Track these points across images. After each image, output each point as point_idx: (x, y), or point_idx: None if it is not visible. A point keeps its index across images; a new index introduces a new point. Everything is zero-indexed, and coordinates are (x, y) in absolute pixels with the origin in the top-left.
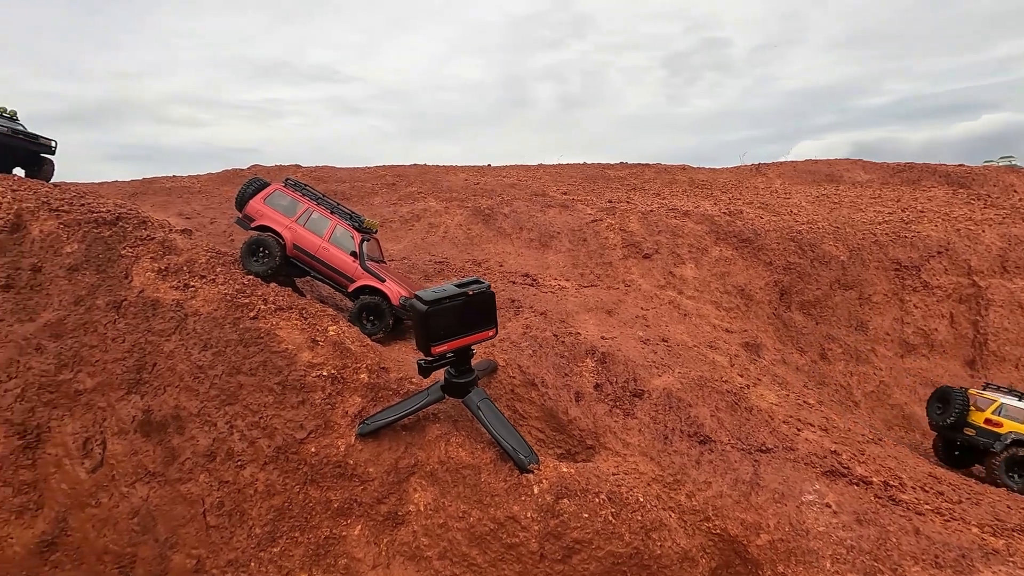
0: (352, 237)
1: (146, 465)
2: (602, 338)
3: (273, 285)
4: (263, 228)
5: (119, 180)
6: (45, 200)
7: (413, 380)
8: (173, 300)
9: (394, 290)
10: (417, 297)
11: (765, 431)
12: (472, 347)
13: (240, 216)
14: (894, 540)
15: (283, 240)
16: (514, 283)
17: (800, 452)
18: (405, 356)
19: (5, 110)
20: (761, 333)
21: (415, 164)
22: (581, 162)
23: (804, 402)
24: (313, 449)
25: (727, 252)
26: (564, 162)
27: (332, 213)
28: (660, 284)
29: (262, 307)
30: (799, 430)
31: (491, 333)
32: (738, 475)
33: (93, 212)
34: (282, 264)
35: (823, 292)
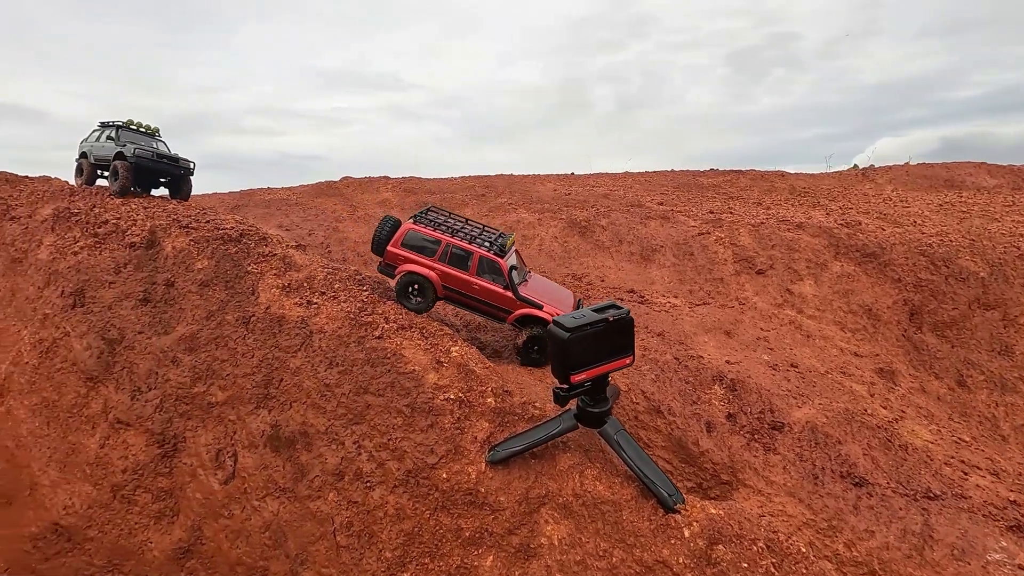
0: (499, 266)
1: (276, 480)
2: (727, 362)
3: (393, 303)
4: (413, 274)
5: (219, 192)
6: (175, 217)
7: (536, 404)
8: (298, 317)
9: (552, 313)
10: (557, 323)
11: (927, 474)
12: (609, 375)
13: (381, 263)
14: None
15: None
16: (621, 300)
17: (974, 501)
18: (523, 378)
19: (149, 127)
20: (893, 357)
21: (501, 174)
22: (669, 169)
23: (959, 439)
24: (444, 475)
25: (849, 268)
26: (654, 169)
27: (471, 243)
28: (777, 302)
29: (385, 326)
30: (965, 474)
31: (628, 360)
32: (905, 525)
33: (219, 229)
34: (436, 300)
35: (960, 312)
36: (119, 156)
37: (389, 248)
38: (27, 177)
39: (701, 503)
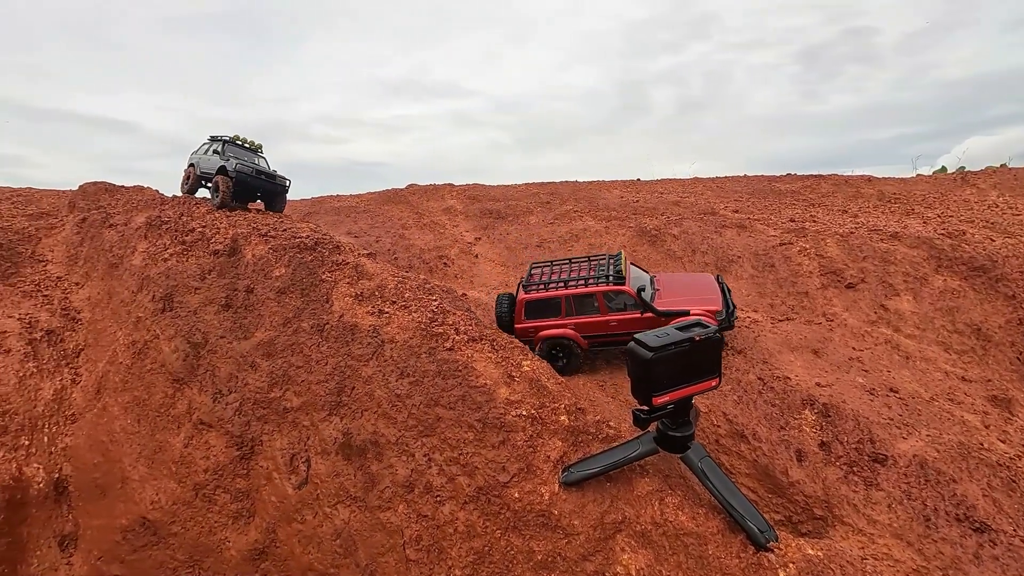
0: (626, 294)
1: (347, 488)
2: (817, 385)
3: (462, 313)
4: (550, 339)
5: (290, 199)
6: (255, 226)
7: (611, 424)
8: (370, 326)
9: (701, 313)
10: (639, 342)
11: None
12: (693, 398)
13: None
14: None
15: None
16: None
17: None
18: (594, 394)
19: (252, 143)
20: (1008, 383)
21: (566, 181)
22: (740, 174)
23: None
24: (516, 494)
25: (954, 282)
26: (723, 175)
27: (588, 285)
28: (870, 319)
29: (455, 337)
30: None
31: (714, 383)
32: None
33: (296, 237)
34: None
35: None
36: (222, 170)
37: (517, 326)
38: (123, 187)
39: (796, 541)
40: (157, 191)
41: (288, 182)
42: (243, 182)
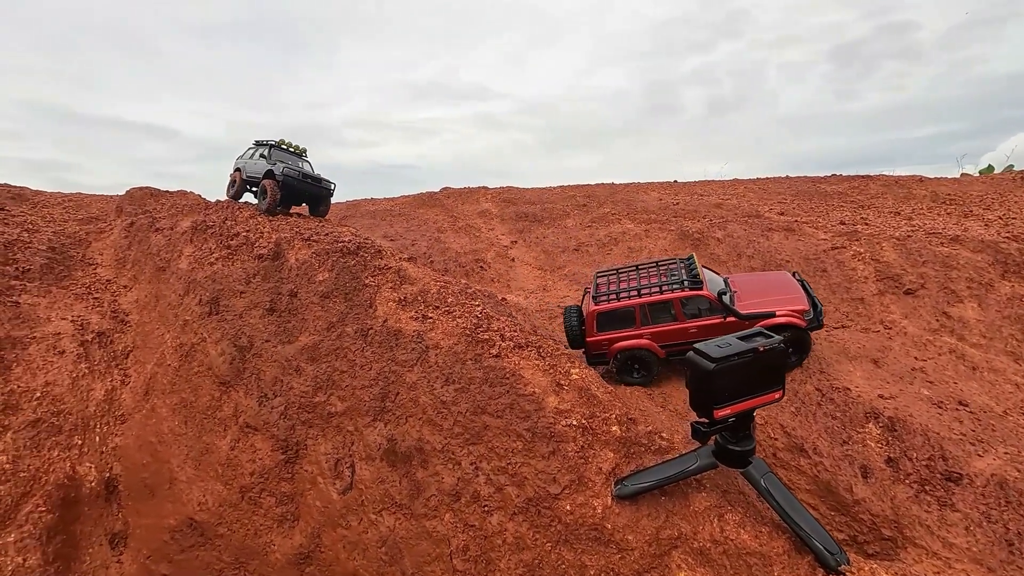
0: (706, 299)
1: (392, 495)
2: (880, 396)
3: (506, 319)
4: (626, 351)
5: None
6: (298, 230)
7: (663, 435)
8: (414, 331)
9: (788, 314)
10: (699, 352)
11: None
12: (755, 411)
13: (589, 355)
14: None
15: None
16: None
17: None
18: (644, 403)
19: (297, 147)
20: None
21: (602, 183)
22: (784, 175)
23: None
24: (568, 507)
25: (1022, 289)
26: (765, 176)
27: (663, 292)
28: (932, 327)
29: (502, 344)
30: None
31: (778, 395)
32: None
33: (338, 241)
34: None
35: None
36: (269, 174)
37: (589, 339)
38: (167, 191)
39: (869, 564)
40: (200, 196)
41: (333, 186)
42: (290, 186)
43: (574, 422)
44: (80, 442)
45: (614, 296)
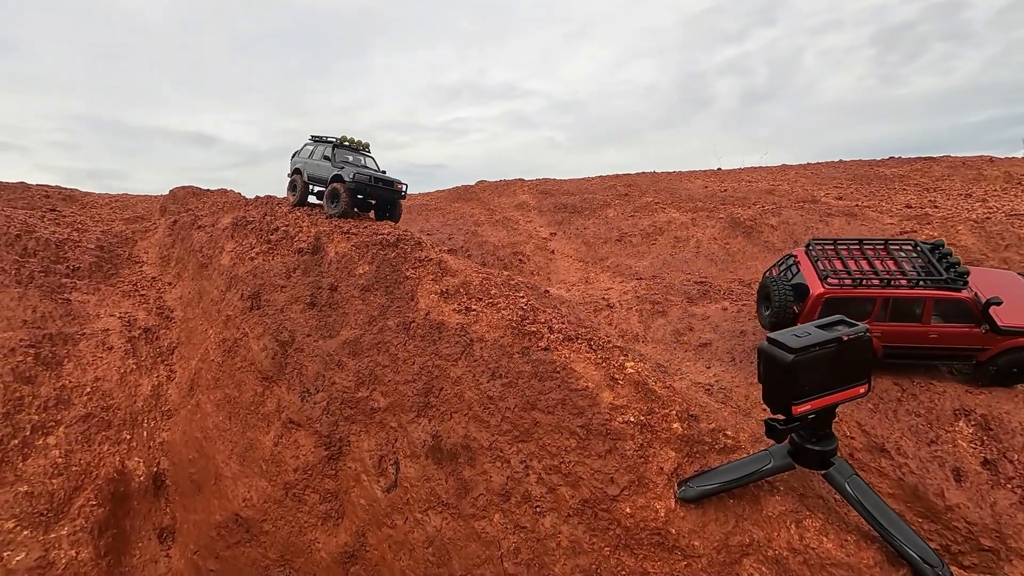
0: (966, 305)
1: (439, 494)
2: (968, 392)
3: (552, 310)
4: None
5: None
6: (337, 224)
7: (727, 433)
8: (457, 324)
9: None
10: (775, 341)
11: None
12: (836, 407)
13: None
14: None
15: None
16: None
17: None
18: (702, 398)
19: (360, 143)
20: None
21: (643, 172)
22: (837, 160)
23: None
24: (628, 509)
25: None
26: (818, 162)
27: (916, 286)
28: None
29: (550, 336)
30: None
31: (863, 390)
32: None
33: (377, 234)
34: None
35: None
36: (336, 178)
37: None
38: (208, 190)
39: None
40: (239, 193)
41: (405, 187)
42: (361, 191)
43: (631, 419)
44: (129, 437)
45: (849, 280)
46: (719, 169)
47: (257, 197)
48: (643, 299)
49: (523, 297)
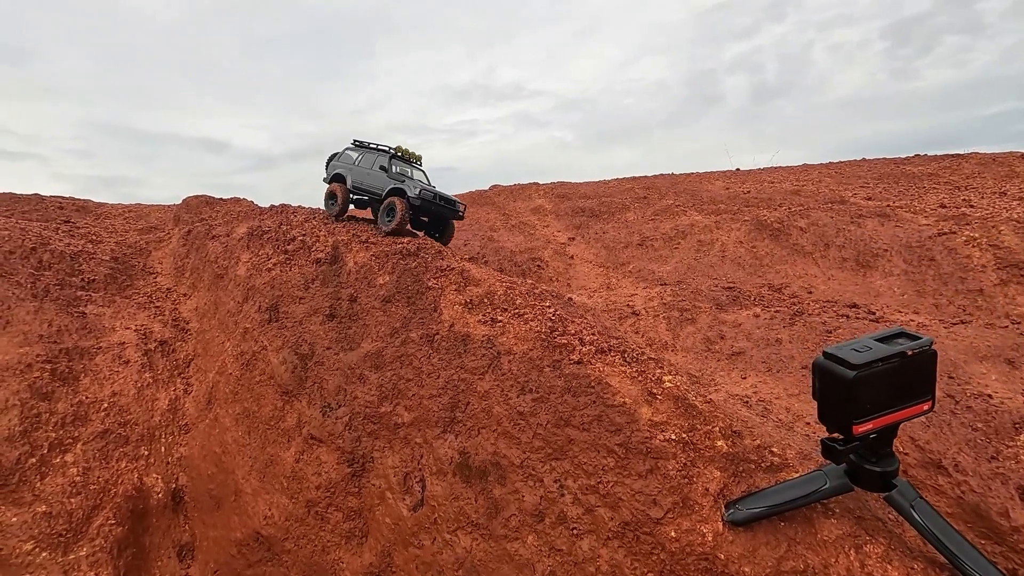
0: None
1: (468, 513)
2: None
3: (581, 321)
4: None
5: None
6: (355, 233)
7: (774, 450)
8: (483, 336)
9: None
10: (834, 357)
11: None
12: (899, 426)
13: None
14: None
15: None
16: (845, 317)
17: None
18: (741, 412)
19: (414, 155)
20: None
21: (661, 174)
22: (860, 158)
23: None
24: (673, 533)
25: None
26: (840, 160)
27: None
28: None
29: (582, 348)
30: None
31: (927, 407)
32: None
33: (397, 243)
34: None
35: None
36: (396, 192)
37: None
38: (221, 199)
39: None
40: (252, 202)
41: (462, 208)
42: (424, 210)
43: (672, 436)
44: (147, 452)
45: None
46: (738, 169)
47: (272, 206)
48: (670, 306)
49: (550, 307)
